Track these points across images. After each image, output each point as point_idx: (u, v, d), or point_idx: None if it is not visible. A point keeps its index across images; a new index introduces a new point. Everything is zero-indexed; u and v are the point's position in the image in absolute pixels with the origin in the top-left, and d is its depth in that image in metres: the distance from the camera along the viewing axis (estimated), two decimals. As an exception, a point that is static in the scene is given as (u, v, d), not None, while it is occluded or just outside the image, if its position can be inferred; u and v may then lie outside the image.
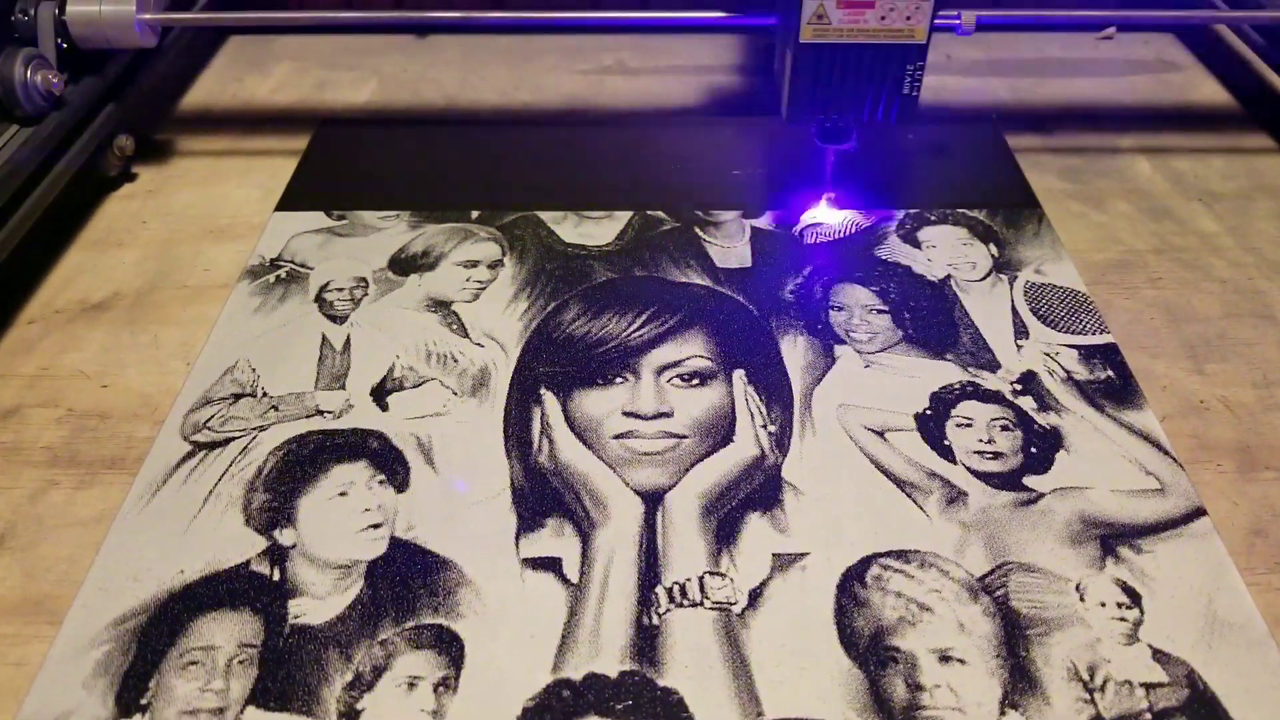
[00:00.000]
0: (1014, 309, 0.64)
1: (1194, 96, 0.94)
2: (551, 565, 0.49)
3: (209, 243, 0.74)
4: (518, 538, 0.50)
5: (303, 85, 0.95)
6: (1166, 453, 0.55)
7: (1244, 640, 0.46)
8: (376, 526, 0.51)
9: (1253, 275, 0.72)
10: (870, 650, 0.45)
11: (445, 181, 0.77)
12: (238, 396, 0.58)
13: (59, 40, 0.72)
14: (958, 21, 0.68)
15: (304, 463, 0.54)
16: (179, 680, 0.44)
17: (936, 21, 0.64)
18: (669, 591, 0.48)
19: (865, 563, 0.49)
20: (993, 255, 0.69)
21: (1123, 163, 0.84)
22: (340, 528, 0.51)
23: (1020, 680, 0.44)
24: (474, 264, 0.68)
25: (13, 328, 0.67)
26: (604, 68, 0.98)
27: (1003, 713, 0.43)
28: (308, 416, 0.57)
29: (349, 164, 0.80)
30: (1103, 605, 0.47)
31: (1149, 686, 0.44)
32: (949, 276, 0.67)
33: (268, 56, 1.00)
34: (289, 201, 0.75)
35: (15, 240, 0.67)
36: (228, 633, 0.46)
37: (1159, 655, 0.45)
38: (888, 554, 0.49)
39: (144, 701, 0.44)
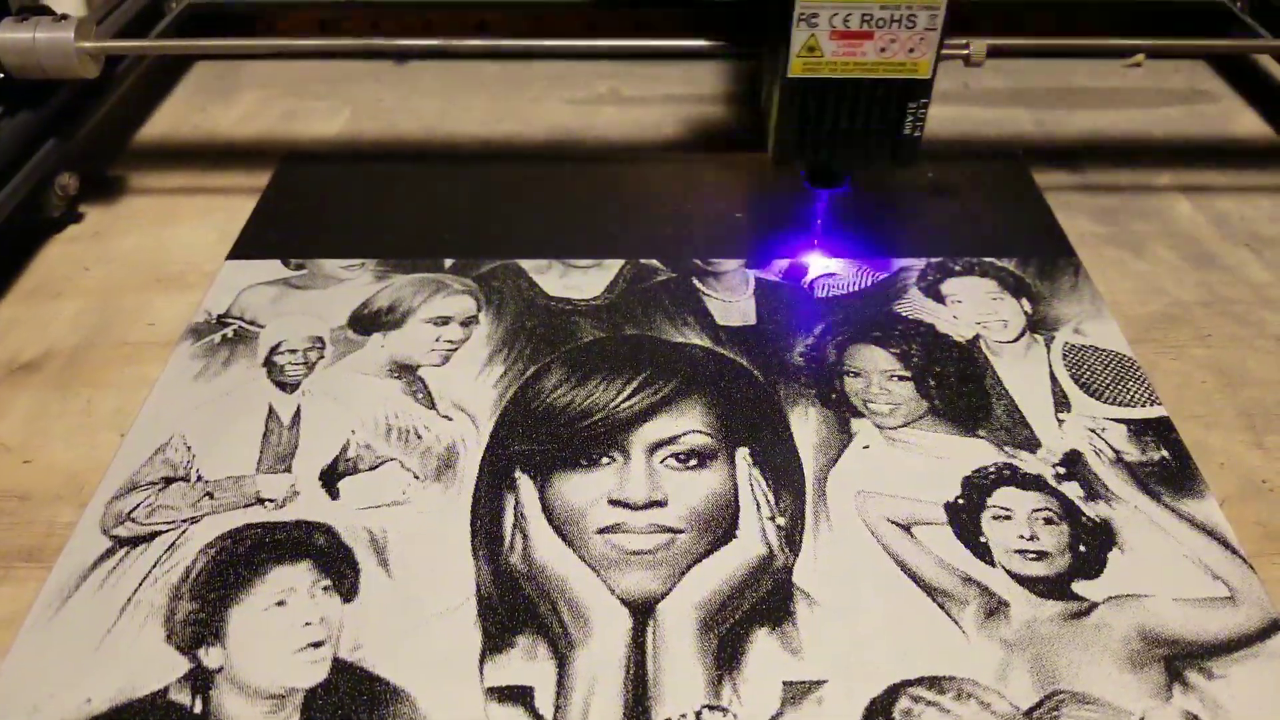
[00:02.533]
0: (1052, 375, 0.57)
1: (1233, 129, 0.87)
2: (521, 696, 0.42)
3: (156, 292, 0.67)
4: (482, 660, 0.43)
5: (270, 115, 0.88)
6: (1235, 552, 0.48)
7: (1344, 794, 0.38)
8: (318, 645, 0.44)
9: (1312, 331, 0.65)
10: (900, 808, 0.38)
11: (417, 225, 0.70)
12: (169, 481, 0.51)
13: (-10, 70, 0.65)
14: (966, 51, 0.61)
15: (238, 564, 0.47)
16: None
17: (944, 51, 0.57)
18: (660, 730, 0.40)
19: (893, 693, 0.42)
20: (1025, 312, 0.62)
21: (1161, 202, 0.77)
22: (276, 646, 0.43)
23: None
24: (445, 321, 0.61)
25: (-70, 393, 0.60)
26: (597, 96, 0.91)
27: None
28: (246, 506, 0.50)
29: (312, 205, 0.73)
30: (1174, 748, 0.40)
31: None
32: (978, 336, 0.60)
33: (234, 84, 0.93)
34: (243, 248, 0.68)
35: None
36: (134, 783, 0.39)
37: (1244, 814, 0.38)
38: (919, 681, 0.42)
39: None
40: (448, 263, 0.66)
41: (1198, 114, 0.89)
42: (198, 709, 0.41)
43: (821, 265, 0.64)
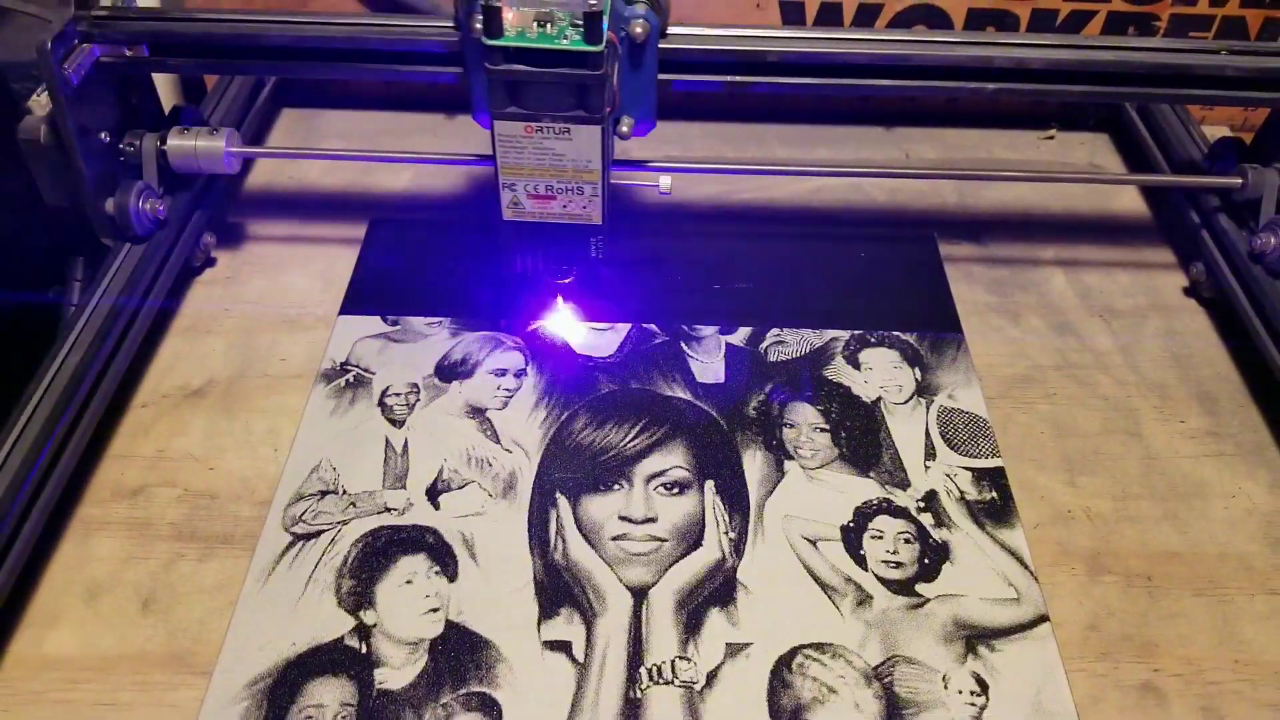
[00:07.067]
0: (927, 432, 0.81)
1: (1113, 205, 1.08)
2: (564, 647, 0.67)
3: (282, 332, 0.90)
4: (539, 623, 0.68)
5: (350, 168, 1.09)
6: (1026, 567, 0.73)
7: (1056, 722, 0.65)
8: (435, 610, 0.69)
9: (1131, 394, 0.87)
10: (790, 722, 0.64)
11: (475, 285, 0.93)
12: (323, 493, 0.76)
13: (159, 166, 0.87)
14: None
15: (378, 554, 0.72)
16: (300, 731, 0.63)
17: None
18: (649, 672, 0.66)
19: (792, 653, 0.67)
20: (917, 379, 0.86)
21: (1042, 275, 0.99)
22: (408, 610, 0.69)
23: (893, 749, 0.63)
24: (503, 372, 0.85)
25: (129, 411, 0.84)
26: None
27: (878, 774, 0.62)
28: (378, 513, 0.74)
29: (396, 266, 0.95)
30: (960, 693, 0.66)
31: (982, 757, 0.63)
32: (880, 399, 0.84)
33: (317, 134, 1.13)
34: (351, 304, 0.91)
35: (138, 341, 0.83)
36: (332, 695, 0.64)
37: (995, 732, 0.64)
38: (810, 646, 0.68)
39: (277, 747, 0.62)
40: (502, 322, 0.89)
41: (1088, 189, 1.11)
42: (364, 651, 0.67)
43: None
